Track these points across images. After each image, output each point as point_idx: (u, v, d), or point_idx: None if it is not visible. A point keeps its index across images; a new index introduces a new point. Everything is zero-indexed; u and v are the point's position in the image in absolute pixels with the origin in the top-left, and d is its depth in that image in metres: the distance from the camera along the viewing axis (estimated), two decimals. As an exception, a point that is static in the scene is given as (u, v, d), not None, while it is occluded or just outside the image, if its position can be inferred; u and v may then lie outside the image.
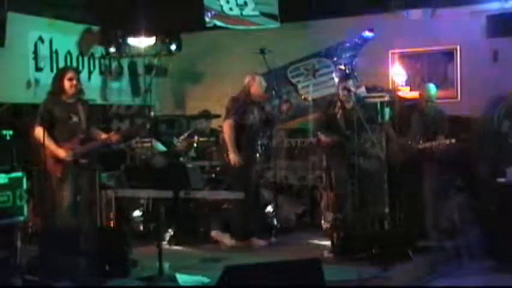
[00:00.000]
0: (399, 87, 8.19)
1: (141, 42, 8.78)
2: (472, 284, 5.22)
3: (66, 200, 6.05)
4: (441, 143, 6.65)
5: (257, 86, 6.93)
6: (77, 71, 6.51)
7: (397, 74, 8.24)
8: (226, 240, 6.84)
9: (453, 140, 6.60)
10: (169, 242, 6.92)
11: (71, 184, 6.07)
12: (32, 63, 8.03)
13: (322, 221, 7.26)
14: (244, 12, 8.22)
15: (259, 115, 6.97)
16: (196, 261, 6.20)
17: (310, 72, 8.14)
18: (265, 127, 7.21)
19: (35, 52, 8.06)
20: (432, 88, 7.09)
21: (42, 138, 5.89)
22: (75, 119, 6.14)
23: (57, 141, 6.08)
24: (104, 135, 6.32)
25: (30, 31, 8.00)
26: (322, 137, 6.96)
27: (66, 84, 6.14)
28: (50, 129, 6.05)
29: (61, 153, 6.03)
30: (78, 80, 6.25)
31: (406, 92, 8.07)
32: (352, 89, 6.88)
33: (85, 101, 6.35)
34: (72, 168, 6.06)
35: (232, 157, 6.77)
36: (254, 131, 6.96)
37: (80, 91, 6.21)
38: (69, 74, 6.21)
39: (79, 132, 6.13)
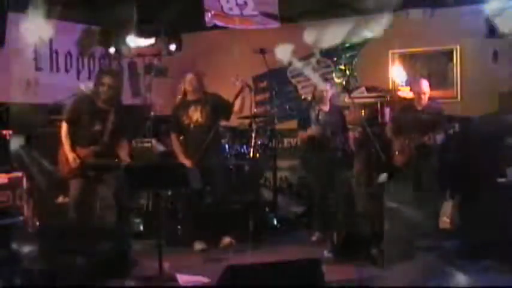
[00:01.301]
0: (399, 87, 8.20)
1: (141, 42, 8.78)
2: (472, 284, 5.21)
3: (68, 199, 6.07)
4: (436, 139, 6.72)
5: (185, 84, 6.71)
6: (116, 76, 6.27)
7: (397, 74, 8.24)
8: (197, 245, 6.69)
9: (447, 133, 6.66)
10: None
11: (76, 187, 6.06)
12: (32, 63, 8.02)
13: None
14: (244, 12, 8.21)
15: (202, 112, 6.65)
16: (196, 261, 6.20)
17: (310, 72, 8.13)
18: (214, 121, 6.77)
19: (35, 52, 8.06)
20: (423, 83, 7.11)
21: (62, 134, 5.98)
22: (98, 127, 5.98)
23: (76, 143, 6.01)
24: (122, 153, 6.04)
25: (30, 31, 7.99)
26: (301, 133, 7.09)
27: (100, 88, 5.98)
28: (73, 129, 6.01)
29: (70, 157, 5.99)
30: (114, 86, 5.99)
31: (406, 92, 8.08)
32: (329, 92, 7.03)
33: (120, 109, 6.08)
34: (78, 173, 6.03)
35: (184, 163, 6.49)
36: (198, 128, 6.65)
37: (112, 98, 5.99)
38: (103, 79, 6.01)
39: (98, 142, 5.97)
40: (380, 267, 5.61)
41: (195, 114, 6.67)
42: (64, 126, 6.03)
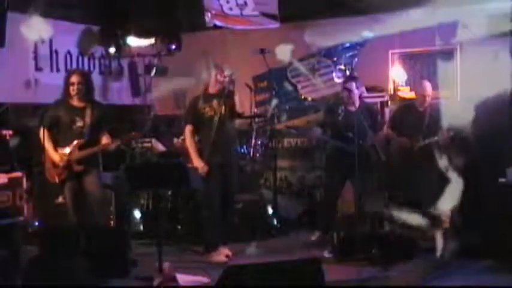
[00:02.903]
0: (399, 87, 8.20)
1: (141, 42, 8.78)
2: (472, 284, 5.22)
3: (64, 202, 6.06)
4: (440, 139, 6.69)
5: (212, 78, 6.43)
6: (84, 74, 6.38)
7: (397, 74, 8.24)
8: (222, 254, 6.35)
9: (452, 133, 6.64)
10: None
11: (68, 188, 6.07)
12: (32, 63, 8.02)
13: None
14: (244, 12, 8.21)
15: (221, 107, 6.31)
16: (196, 261, 6.20)
17: (310, 72, 8.12)
18: (230, 118, 6.49)
19: (35, 52, 8.06)
20: (426, 85, 7.11)
21: (43, 141, 5.94)
22: (79, 123, 6.04)
23: (59, 145, 6.06)
24: (104, 139, 6.13)
25: (30, 31, 7.98)
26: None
27: (70, 88, 6.07)
28: (54, 133, 6.04)
29: (56, 158, 6.02)
30: (84, 83, 6.11)
31: (406, 92, 8.08)
32: (355, 90, 6.82)
33: (96, 105, 6.22)
34: (68, 173, 6.04)
35: (197, 164, 6.27)
36: (215, 125, 6.23)
37: (84, 95, 6.09)
38: (72, 78, 6.12)
39: (82, 137, 6.03)
40: (380, 267, 5.61)
41: (220, 108, 6.30)
42: (44, 133, 6.01)
